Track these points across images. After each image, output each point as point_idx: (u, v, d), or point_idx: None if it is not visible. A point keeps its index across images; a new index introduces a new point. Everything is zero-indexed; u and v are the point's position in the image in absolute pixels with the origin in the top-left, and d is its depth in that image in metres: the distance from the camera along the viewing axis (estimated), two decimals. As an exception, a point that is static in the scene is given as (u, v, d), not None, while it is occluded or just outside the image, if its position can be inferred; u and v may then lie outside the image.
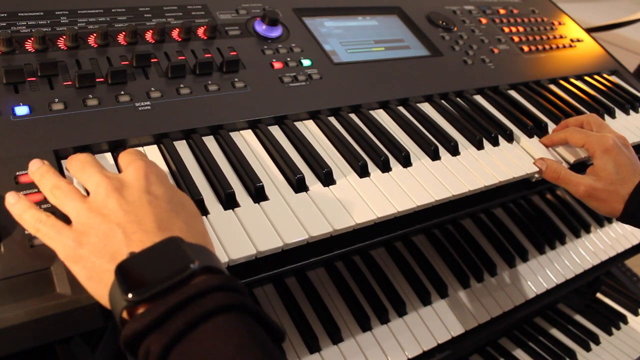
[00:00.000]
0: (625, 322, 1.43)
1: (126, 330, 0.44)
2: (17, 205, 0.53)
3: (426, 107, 0.95)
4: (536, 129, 0.98)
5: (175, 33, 0.83)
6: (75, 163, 0.57)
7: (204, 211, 0.64)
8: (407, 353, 0.90)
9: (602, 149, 0.86)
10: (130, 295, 0.44)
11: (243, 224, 0.63)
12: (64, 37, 0.75)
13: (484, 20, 1.21)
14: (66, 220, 0.52)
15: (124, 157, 0.58)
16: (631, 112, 1.17)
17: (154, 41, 0.81)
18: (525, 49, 1.19)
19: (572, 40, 1.31)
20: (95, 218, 0.50)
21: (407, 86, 0.96)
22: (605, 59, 1.33)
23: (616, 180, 0.84)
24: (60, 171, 0.62)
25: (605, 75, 1.28)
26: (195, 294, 0.44)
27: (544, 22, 1.33)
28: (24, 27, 0.74)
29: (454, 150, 0.86)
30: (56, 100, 0.68)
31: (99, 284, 0.48)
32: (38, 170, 0.56)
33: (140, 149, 0.70)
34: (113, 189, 0.52)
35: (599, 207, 0.87)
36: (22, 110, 0.65)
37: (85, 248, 0.49)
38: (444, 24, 1.13)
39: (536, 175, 0.89)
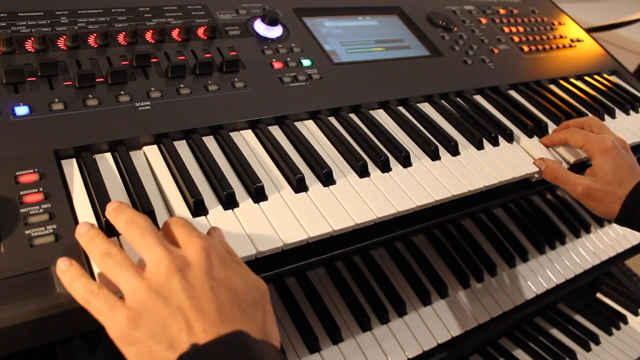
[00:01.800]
0: (625, 322, 1.43)
1: None
2: (67, 272, 0.50)
3: (426, 107, 0.95)
4: (536, 129, 0.98)
5: (175, 33, 0.83)
6: (134, 228, 0.52)
7: (204, 211, 0.64)
8: (407, 353, 0.90)
9: (601, 150, 0.86)
10: None
11: (243, 224, 0.63)
12: (64, 37, 0.75)
13: (484, 20, 1.21)
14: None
15: (180, 232, 0.53)
16: (631, 112, 1.17)
17: (154, 41, 0.81)
18: (525, 49, 1.19)
19: (572, 40, 1.31)
20: (154, 299, 0.47)
21: (407, 86, 0.96)
22: (605, 59, 1.33)
23: (614, 181, 0.84)
24: (60, 171, 0.62)
25: (605, 75, 1.28)
26: None
27: (544, 22, 1.33)
28: (24, 27, 0.74)
29: (454, 150, 0.86)
30: (56, 100, 0.68)
31: None
32: (87, 234, 0.53)
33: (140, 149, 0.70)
34: (176, 269, 0.48)
35: (596, 207, 0.87)
36: (22, 110, 0.65)
37: (141, 330, 0.46)
38: (444, 24, 1.13)
39: (536, 175, 0.90)
